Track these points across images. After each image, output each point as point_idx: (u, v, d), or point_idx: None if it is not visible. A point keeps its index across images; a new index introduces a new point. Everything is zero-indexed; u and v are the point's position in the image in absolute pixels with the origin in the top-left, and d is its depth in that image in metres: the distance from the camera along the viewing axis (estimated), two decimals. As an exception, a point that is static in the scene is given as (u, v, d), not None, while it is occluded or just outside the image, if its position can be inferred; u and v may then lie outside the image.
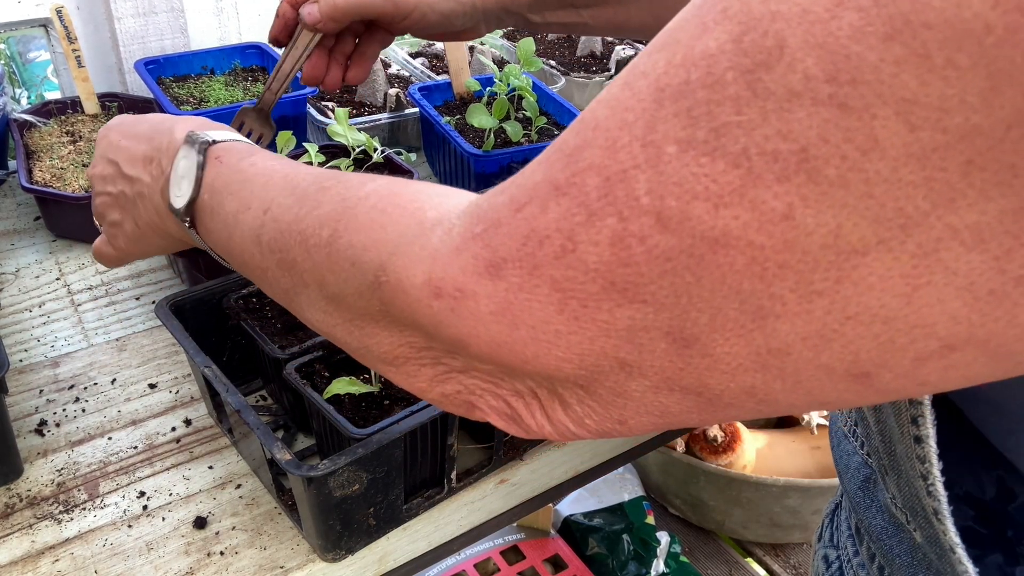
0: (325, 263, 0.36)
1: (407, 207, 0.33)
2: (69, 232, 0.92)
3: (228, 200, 0.45)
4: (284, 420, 0.69)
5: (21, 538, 0.59)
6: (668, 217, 0.23)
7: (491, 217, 0.28)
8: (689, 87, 0.23)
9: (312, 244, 0.37)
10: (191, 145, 0.48)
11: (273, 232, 0.40)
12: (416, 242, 0.31)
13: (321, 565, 0.58)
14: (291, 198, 0.40)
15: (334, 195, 0.37)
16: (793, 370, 0.24)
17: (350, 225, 0.35)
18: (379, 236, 0.33)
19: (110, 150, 0.55)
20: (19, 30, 1.11)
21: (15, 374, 0.73)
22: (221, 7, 1.18)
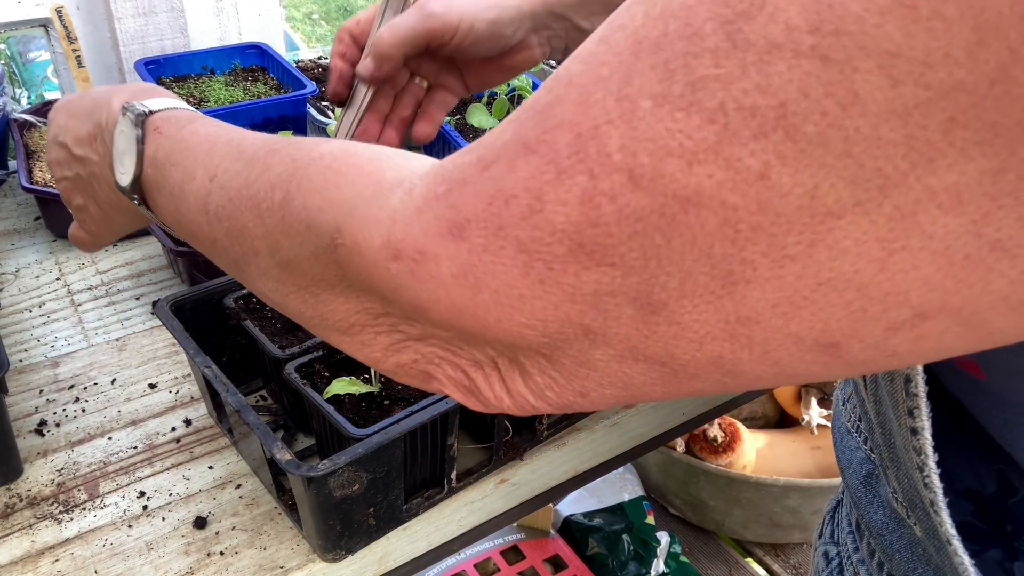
0: (278, 227, 0.34)
1: (364, 167, 0.32)
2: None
3: (172, 171, 0.43)
4: (284, 420, 0.69)
5: (21, 538, 0.59)
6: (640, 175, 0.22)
7: (456, 177, 0.27)
8: (667, 39, 0.22)
9: (264, 208, 0.35)
10: (127, 117, 0.46)
11: (221, 199, 0.39)
12: (374, 202, 0.30)
13: (321, 565, 0.58)
14: (238, 163, 0.39)
15: (284, 156, 0.36)
16: (762, 339, 0.24)
17: (303, 186, 0.34)
18: (335, 196, 0.32)
19: (59, 132, 0.54)
20: (19, 30, 1.11)
21: (15, 374, 0.73)
22: (221, 7, 1.18)
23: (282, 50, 1.21)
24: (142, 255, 0.90)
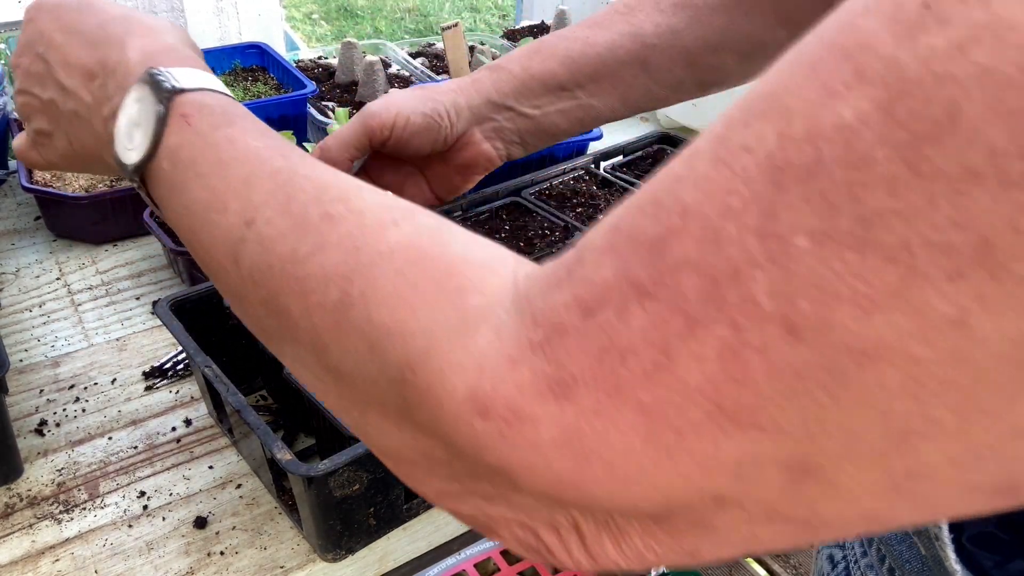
0: (330, 332, 0.29)
1: (443, 282, 0.27)
2: (69, 232, 0.92)
3: (196, 184, 0.37)
4: (284, 420, 0.69)
5: (21, 538, 0.59)
6: (800, 325, 0.19)
7: (552, 321, 0.23)
8: (821, 166, 0.19)
9: (314, 302, 0.30)
10: (150, 88, 0.38)
11: (258, 259, 0.33)
12: (457, 340, 0.25)
13: (321, 565, 0.58)
14: (285, 219, 0.32)
15: (344, 236, 0.30)
16: (928, 492, 0.21)
17: (368, 293, 0.28)
18: (408, 321, 0.27)
19: (41, 42, 0.45)
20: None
21: (15, 374, 0.73)
22: (221, 7, 1.18)
23: (282, 50, 1.21)
24: (142, 255, 0.90)
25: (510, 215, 0.83)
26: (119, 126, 0.40)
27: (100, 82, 0.42)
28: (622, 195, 0.86)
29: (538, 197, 0.85)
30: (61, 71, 0.44)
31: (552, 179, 0.88)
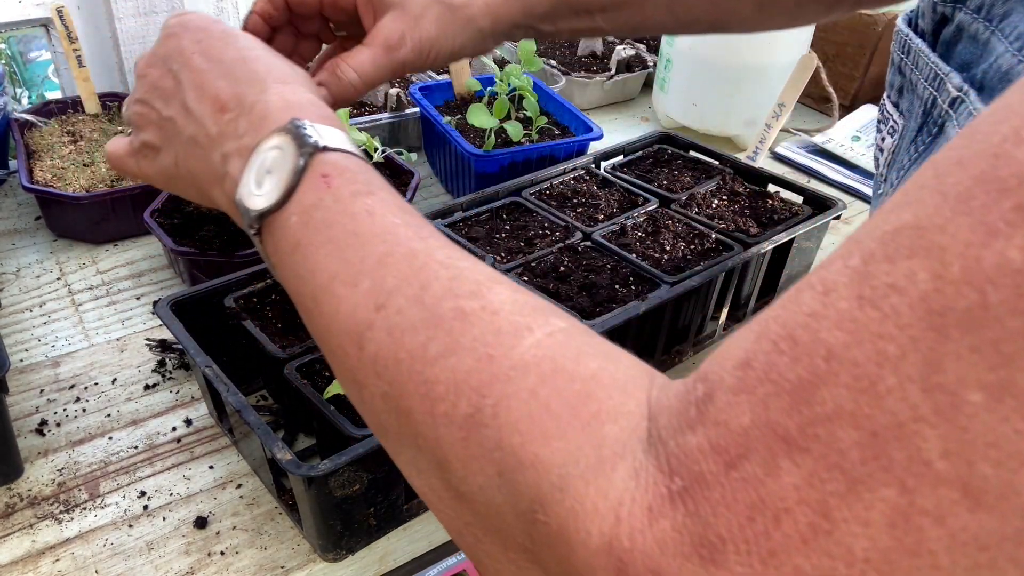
0: (457, 448, 0.27)
1: (579, 407, 0.25)
2: (70, 232, 0.92)
3: (326, 249, 0.35)
4: (284, 420, 0.69)
5: (22, 538, 0.59)
6: (981, 490, 0.17)
7: (692, 470, 0.21)
8: (989, 313, 0.18)
9: (441, 412, 0.28)
10: (292, 139, 0.37)
11: (385, 350, 0.31)
12: (592, 480, 0.23)
13: (321, 565, 0.58)
14: (418, 310, 0.31)
15: (478, 339, 0.28)
16: None
17: (501, 413, 0.26)
18: (541, 452, 0.25)
19: (178, 59, 0.44)
20: (20, 30, 1.11)
21: (15, 374, 0.73)
22: (222, 7, 1.18)
23: (283, 50, 1.20)
24: (142, 255, 0.90)
25: (510, 215, 0.83)
26: (249, 168, 0.39)
27: (231, 117, 0.41)
28: (622, 195, 0.86)
29: (538, 197, 0.85)
30: (191, 93, 0.43)
31: (552, 179, 0.88)
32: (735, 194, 0.87)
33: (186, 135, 0.43)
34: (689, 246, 0.78)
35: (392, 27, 0.57)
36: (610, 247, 0.76)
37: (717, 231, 0.79)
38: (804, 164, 1.15)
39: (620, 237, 0.79)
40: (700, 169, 0.93)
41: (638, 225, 0.81)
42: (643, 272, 0.73)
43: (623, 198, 0.86)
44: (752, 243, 0.77)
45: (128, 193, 0.88)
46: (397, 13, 0.57)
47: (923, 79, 0.42)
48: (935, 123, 0.40)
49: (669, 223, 0.81)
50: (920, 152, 0.41)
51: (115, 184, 0.91)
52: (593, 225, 0.80)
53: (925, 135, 0.41)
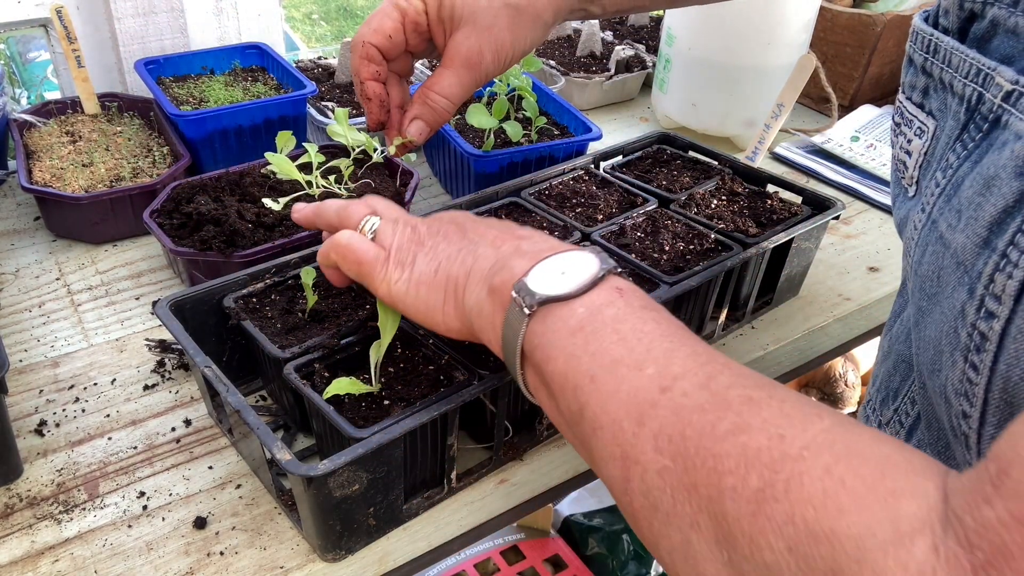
0: (744, 524, 0.27)
1: (875, 484, 0.25)
2: (69, 232, 0.92)
3: (611, 336, 0.37)
4: (284, 420, 0.69)
5: (21, 538, 0.59)
6: None
7: (991, 541, 0.22)
8: None
9: (729, 486, 0.28)
10: (595, 255, 0.44)
11: (669, 426, 0.31)
12: (892, 552, 0.23)
13: (321, 565, 0.58)
14: (705, 394, 0.32)
15: (768, 420, 0.29)
16: None
17: (793, 489, 0.26)
18: (836, 525, 0.25)
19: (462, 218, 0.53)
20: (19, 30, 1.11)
21: (15, 374, 0.73)
22: (221, 7, 1.18)
23: (282, 50, 1.21)
24: (142, 255, 0.90)
25: (510, 215, 0.83)
26: (539, 266, 0.43)
27: (512, 243, 0.48)
28: (621, 195, 0.87)
29: (537, 197, 0.85)
30: (471, 232, 0.51)
31: (551, 179, 0.88)
32: (734, 194, 0.87)
33: (458, 249, 0.50)
34: (688, 246, 0.78)
35: (468, 43, 0.60)
36: (609, 247, 0.76)
37: (716, 231, 0.79)
38: (803, 164, 1.15)
39: (619, 237, 0.79)
40: (699, 169, 0.93)
41: (637, 225, 0.81)
42: (642, 272, 0.73)
43: (622, 198, 0.86)
44: (751, 243, 0.77)
45: (127, 193, 0.88)
46: (469, 28, 0.60)
47: (960, 76, 0.42)
48: (984, 119, 0.40)
49: (668, 223, 0.81)
50: (970, 150, 0.41)
51: (114, 184, 0.91)
52: (592, 225, 0.80)
53: (973, 131, 0.41)
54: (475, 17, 0.59)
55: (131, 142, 0.99)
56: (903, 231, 0.49)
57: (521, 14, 0.61)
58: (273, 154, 0.84)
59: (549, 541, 1.40)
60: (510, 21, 0.60)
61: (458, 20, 0.60)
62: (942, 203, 0.42)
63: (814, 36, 1.20)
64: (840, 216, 0.85)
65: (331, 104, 1.11)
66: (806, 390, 1.50)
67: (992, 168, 0.37)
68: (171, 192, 0.86)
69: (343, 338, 0.63)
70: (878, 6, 1.28)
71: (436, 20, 0.61)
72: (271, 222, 0.82)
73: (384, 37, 0.61)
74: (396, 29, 0.61)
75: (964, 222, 0.39)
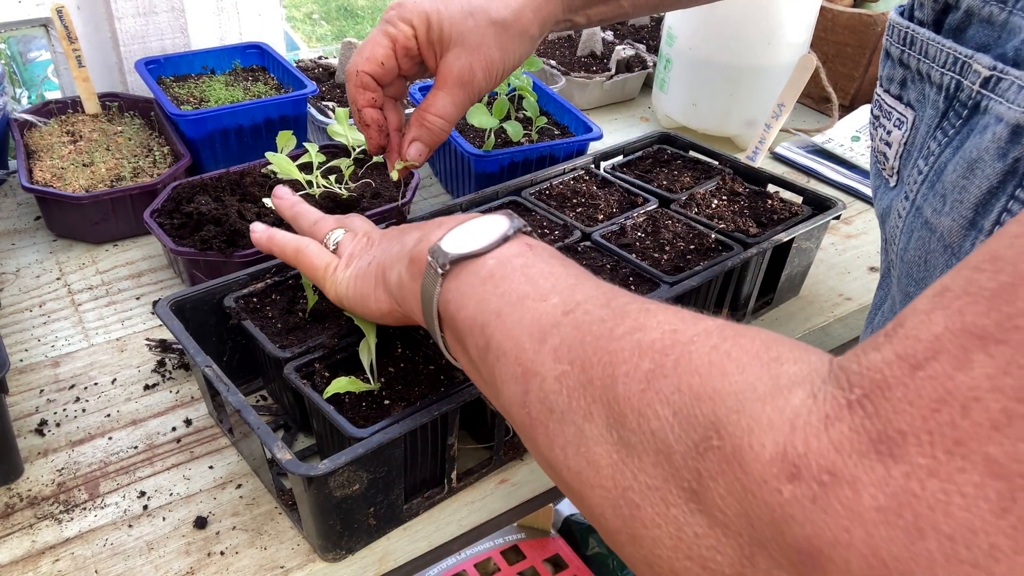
0: (634, 400, 0.29)
1: (760, 353, 0.27)
2: (69, 232, 0.92)
3: (519, 279, 0.40)
4: (284, 420, 0.69)
5: (21, 538, 0.59)
6: None
7: (872, 379, 0.22)
8: None
9: (622, 372, 0.30)
10: (507, 218, 0.45)
11: (569, 337, 0.34)
12: (769, 401, 0.24)
13: (321, 565, 0.58)
14: (604, 310, 0.34)
15: (663, 321, 0.31)
16: None
17: (681, 363, 0.28)
18: (719, 385, 0.26)
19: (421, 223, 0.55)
20: (19, 30, 1.11)
21: (15, 374, 0.73)
22: (221, 7, 1.18)
23: (282, 50, 1.20)
24: (142, 255, 0.90)
25: (510, 215, 0.83)
26: (452, 232, 0.46)
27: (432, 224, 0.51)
28: (622, 195, 0.86)
29: (538, 197, 0.85)
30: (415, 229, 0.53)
31: (552, 179, 0.88)
32: (735, 194, 0.87)
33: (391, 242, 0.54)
34: (689, 246, 0.78)
35: (459, 63, 0.62)
36: (610, 247, 0.76)
37: (717, 231, 0.79)
38: (804, 164, 1.15)
39: (620, 237, 0.79)
40: (700, 169, 0.93)
41: (638, 225, 0.81)
42: (643, 272, 0.73)
43: (623, 198, 0.86)
44: (752, 243, 0.77)
45: (128, 193, 0.88)
46: (459, 49, 0.62)
47: (938, 66, 0.43)
48: (964, 105, 0.41)
49: (669, 223, 0.81)
50: (951, 136, 0.42)
51: (115, 184, 0.91)
52: (593, 225, 0.80)
53: (953, 118, 0.42)
54: (463, 37, 0.61)
55: (131, 142, 0.99)
56: (886, 221, 0.50)
57: (508, 30, 0.62)
58: (274, 154, 0.84)
59: (549, 541, 1.40)
60: (497, 38, 0.62)
61: (447, 41, 0.61)
62: (926, 189, 0.43)
63: (814, 36, 1.20)
64: (841, 216, 0.85)
65: (332, 104, 1.11)
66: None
67: (975, 151, 0.39)
68: (171, 192, 0.86)
69: (343, 338, 0.63)
70: (878, 6, 1.28)
71: (426, 43, 0.62)
72: (271, 222, 0.82)
73: (377, 65, 0.63)
74: (388, 56, 0.63)
75: (949, 206, 0.40)
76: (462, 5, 0.61)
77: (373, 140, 0.67)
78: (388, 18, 0.63)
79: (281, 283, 0.70)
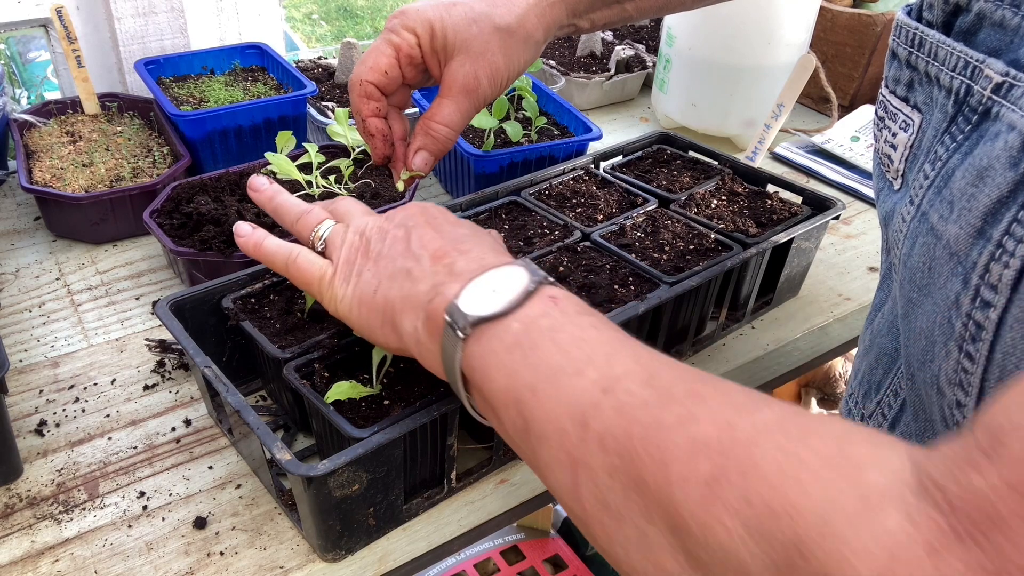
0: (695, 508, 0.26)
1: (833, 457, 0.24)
2: (69, 232, 0.92)
3: (549, 347, 0.37)
4: (284, 420, 0.69)
5: (21, 538, 0.59)
6: None
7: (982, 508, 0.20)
8: None
9: (677, 475, 0.27)
10: (525, 269, 0.43)
11: (613, 424, 0.31)
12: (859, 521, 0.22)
13: (321, 565, 0.58)
14: (647, 390, 0.31)
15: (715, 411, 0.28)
16: None
17: (747, 469, 0.25)
18: (796, 499, 0.23)
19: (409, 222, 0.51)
20: (19, 30, 1.11)
21: (15, 374, 0.73)
22: (221, 7, 1.18)
23: (282, 50, 1.21)
24: (142, 255, 0.90)
25: (509, 215, 0.83)
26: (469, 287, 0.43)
27: (448, 261, 0.46)
28: (621, 195, 0.87)
29: (537, 197, 0.85)
30: (415, 241, 0.49)
31: (551, 179, 0.88)
32: (734, 194, 0.87)
33: (397, 266, 0.48)
34: (688, 246, 0.78)
35: (464, 71, 0.61)
36: (609, 247, 0.76)
37: (716, 231, 0.79)
38: (803, 164, 1.15)
39: (619, 237, 0.79)
40: (699, 169, 0.93)
41: (637, 225, 0.81)
42: (642, 272, 0.73)
43: (622, 198, 0.86)
44: (751, 243, 0.77)
45: (127, 193, 0.88)
46: (463, 56, 0.61)
47: (947, 69, 0.42)
48: (973, 111, 0.40)
49: (668, 223, 0.81)
50: (960, 142, 0.41)
51: (114, 184, 0.91)
52: (592, 225, 0.80)
53: (962, 123, 0.41)
54: (468, 45, 0.61)
55: (131, 142, 0.99)
56: (889, 224, 0.49)
57: (512, 36, 0.62)
58: (273, 154, 0.84)
59: (549, 541, 1.40)
60: (502, 44, 0.62)
61: (451, 49, 0.61)
62: (932, 195, 0.42)
63: (814, 36, 1.20)
64: (840, 216, 0.85)
65: (331, 104, 1.11)
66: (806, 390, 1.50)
67: (985, 159, 0.38)
68: (171, 192, 0.86)
69: (342, 338, 0.63)
70: (878, 6, 1.28)
71: (430, 52, 0.62)
72: (271, 222, 0.82)
73: (380, 74, 0.62)
74: (391, 65, 0.62)
75: (957, 213, 0.39)
76: (465, 12, 0.61)
77: (378, 150, 0.66)
78: (391, 26, 0.62)
79: (280, 283, 0.70)
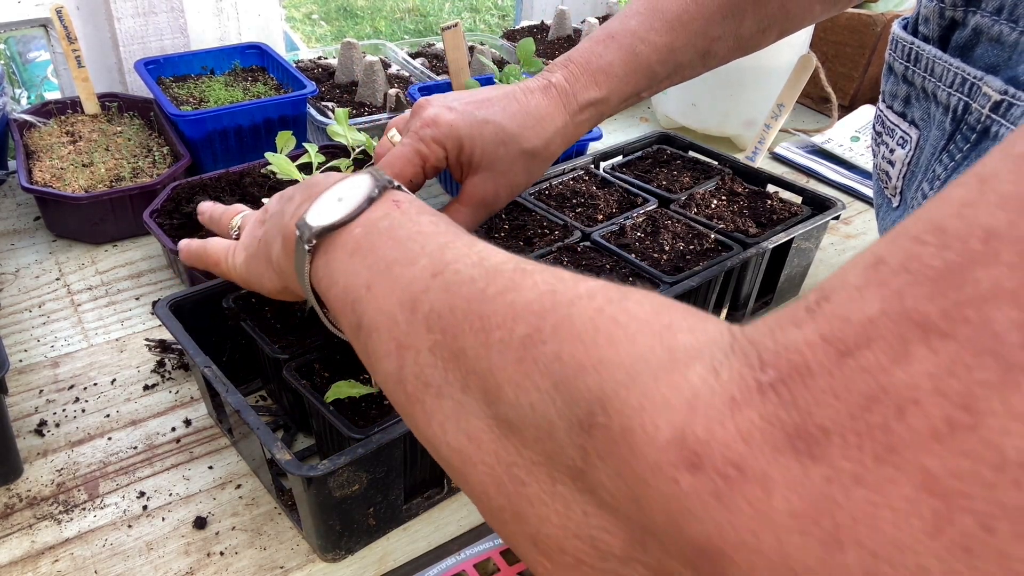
0: (510, 369, 0.26)
1: (649, 319, 0.24)
2: (69, 232, 0.92)
3: (387, 244, 0.37)
4: (284, 420, 0.69)
5: (21, 538, 0.59)
6: None
7: (790, 360, 0.19)
8: None
9: (496, 338, 0.27)
10: (371, 176, 0.42)
11: (439, 303, 0.31)
12: (663, 377, 0.21)
13: (321, 565, 0.58)
14: (476, 270, 0.31)
15: (539, 282, 0.28)
16: None
17: (562, 328, 0.25)
18: (605, 353, 0.23)
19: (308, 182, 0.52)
20: (19, 30, 1.11)
21: (15, 374, 0.73)
22: (221, 7, 1.18)
23: (282, 50, 1.21)
24: (142, 255, 0.90)
25: (509, 215, 0.83)
26: (318, 201, 0.42)
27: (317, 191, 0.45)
28: (621, 195, 0.87)
29: (537, 197, 0.85)
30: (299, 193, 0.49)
31: (551, 179, 0.88)
32: (734, 194, 0.87)
33: (275, 211, 0.50)
34: (688, 246, 0.78)
35: (486, 187, 0.63)
36: (609, 247, 0.76)
37: (716, 231, 0.79)
38: (803, 164, 1.15)
39: (619, 237, 0.79)
40: (699, 169, 0.93)
41: (637, 225, 0.81)
42: (642, 272, 0.73)
43: (622, 198, 0.86)
44: (751, 243, 0.77)
45: (127, 193, 0.88)
46: (487, 174, 0.63)
47: (944, 85, 0.41)
48: (972, 129, 0.40)
49: (668, 223, 0.81)
50: (958, 161, 0.40)
51: (114, 184, 0.91)
52: (592, 225, 0.80)
53: (960, 142, 0.40)
54: (493, 164, 0.62)
55: (131, 142, 0.99)
56: None
57: (536, 158, 0.64)
58: (273, 154, 0.84)
59: (549, 541, 1.40)
60: (526, 165, 0.63)
61: (477, 165, 0.62)
62: None
63: (814, 36, 1.20)
64: (840, 216, 0.85)
65: (331, 104, 1.11)
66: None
67: None
68: (171, 192, 0.86)
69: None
70: (878, 6, 1.28)
71: (456, 163, 0.63)
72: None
73: (405, 181, 0.62)
74: (417, 174, 0.62)
75: None
76: (496, 133, 0.61)
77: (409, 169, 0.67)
78: (422, 136, 0.60)
79: (281, 283, 0.70)
